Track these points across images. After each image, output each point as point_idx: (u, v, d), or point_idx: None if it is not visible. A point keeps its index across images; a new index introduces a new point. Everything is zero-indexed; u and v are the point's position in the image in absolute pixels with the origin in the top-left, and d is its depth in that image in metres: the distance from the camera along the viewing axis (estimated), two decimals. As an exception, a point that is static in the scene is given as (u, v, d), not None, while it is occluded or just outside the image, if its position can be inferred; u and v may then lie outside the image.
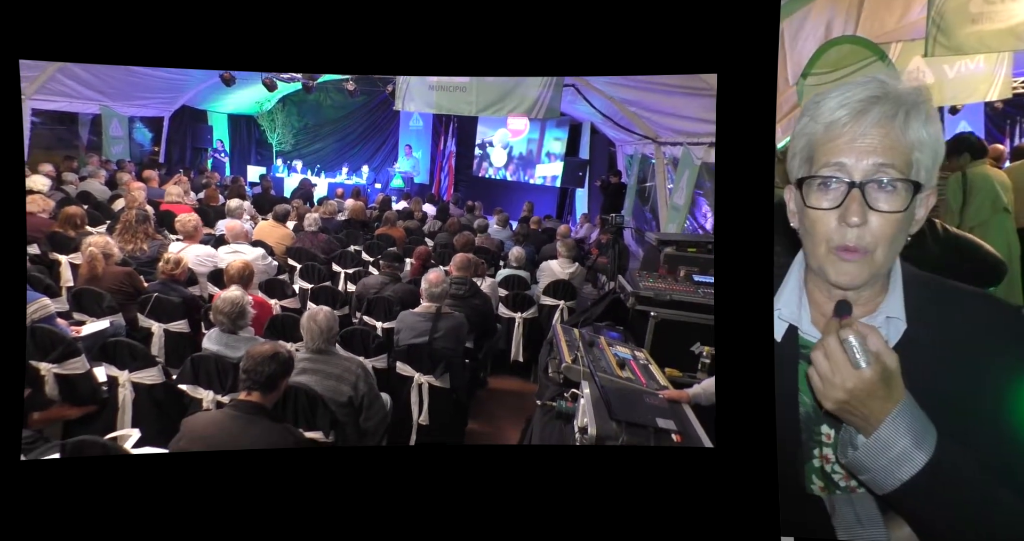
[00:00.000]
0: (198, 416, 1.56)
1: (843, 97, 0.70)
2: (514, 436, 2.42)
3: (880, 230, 0.70)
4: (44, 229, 3.21)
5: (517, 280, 3.41)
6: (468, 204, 5.79)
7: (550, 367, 2.17)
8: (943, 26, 2.14)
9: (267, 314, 2.55)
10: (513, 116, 7.77)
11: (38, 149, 5.37)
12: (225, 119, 7.79)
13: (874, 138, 0.69)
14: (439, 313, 2.39)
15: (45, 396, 2.03)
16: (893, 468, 0.66)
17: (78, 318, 2.46)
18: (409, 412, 2.22)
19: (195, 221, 3.14)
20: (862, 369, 0.64)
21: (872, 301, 0.76)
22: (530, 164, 7.86)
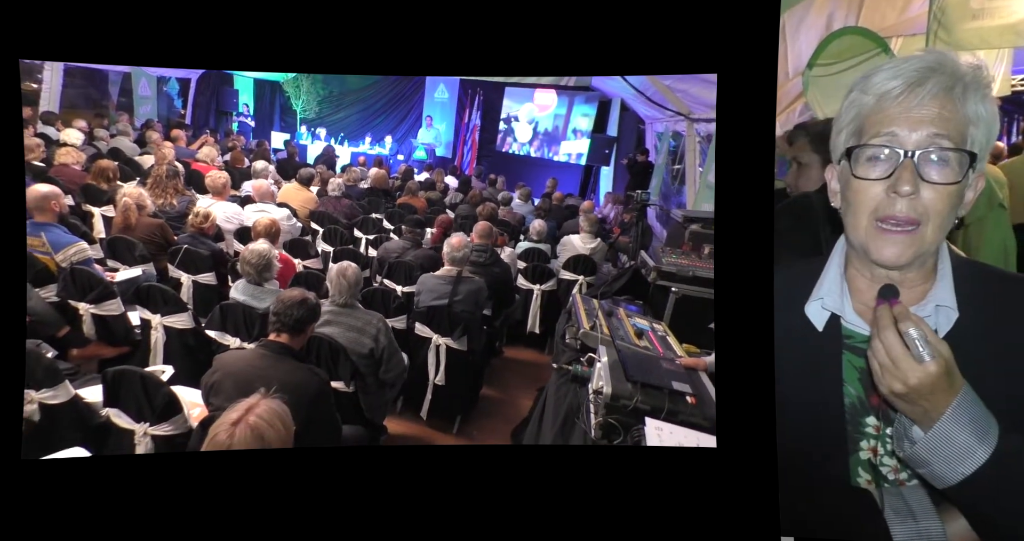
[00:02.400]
0: (230, 352, 1.66)
1: (897, 68, 0.69)
2: (526, 404, 2.49)
3: (931, 203, 0.68)
4: (77, 181, 3.36)
5: (537, 253, 3.45)
6: (491, 178, 5.81)
7: (567, 334, 2.22)
8: (944, 21, 2.15)
9: (291, 271, 2.65)
10: (541, 90, 7.73)
11: (68, 107, 5.55)
12: (251, 84, 7.90)
13: (930, 108, 0.68)
14: (460, 277, 2.45)
15: (83, 334, 2.17)
16: (955, 462, 0.64)
17: (112, 265, 2.59)
18: (426, 372, 2.30)
19: (225, 178, 3.25)
20: (926, 363, 0.63)
21: (919, 288, 0.75)
22: (555, 140, 7.80)
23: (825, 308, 0.79)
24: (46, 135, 4.18)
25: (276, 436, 1.14)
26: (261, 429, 1.12)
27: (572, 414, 1.72)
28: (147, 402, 1.55)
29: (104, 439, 1.58)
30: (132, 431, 1.56)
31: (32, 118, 4.57)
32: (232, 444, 1.10)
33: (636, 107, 6.01)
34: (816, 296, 0.80)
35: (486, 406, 2.56)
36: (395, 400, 2.33)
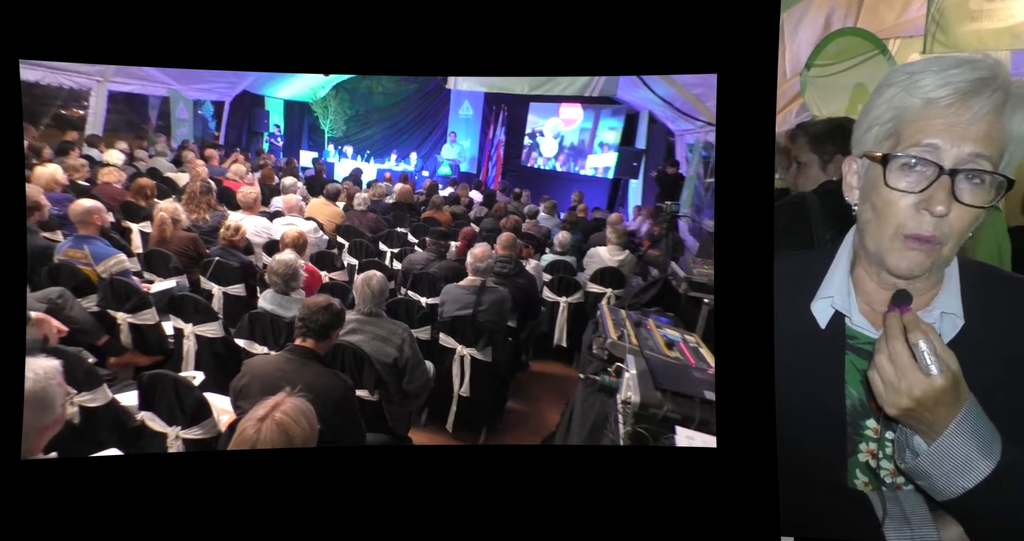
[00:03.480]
0: (258, 357, 1.74)
1: (948, 74, 0.67)
2: (554, 418, 2.49)
3: (958, 223, 0.68)
4: (118, 198, 3.61)
5: (563, 265, 3.47)
6: (515, 191, 5.91)
7: (594, 344, 2.23)
8: (942, 23, 2.20)
9: (317, 282, 2.76)
10: (567, 105, 7.87)
11: (111, 130, 6.00)
12: (281, 105, 8.35)
13: (979, 126, 0.66)
14: (483, 286, 2.50)
15: (120, 343, 2.32)
16: (957, 476, 0.64)
17: (148, 277, 2.77)
18: (450, 383, 2.34)
19: (255, 193, 3.44)
20: (934, 377, 0.62)
21: (926, 294, 0.74)
22: (581, 154, 7.88)
23: (834, 306, 0.79)
24: (90, 156, 4.52)
25: (301, 433, 1.19)
26: (286, 425, 1.18)
27: (600, 424, 1.72)
28: (179, 405, 1.63)
29: (138, 442, 1.67)
30: (165, 434, 1.65)
31: (78, 141, 4.95)
32: (259, 440, 1.16)
33: (664, 120, 6.04)
34: (824, 294, 0.79)
35: (513, 419, 2.56)
36: (420, 412, 2.37)
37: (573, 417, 1.92)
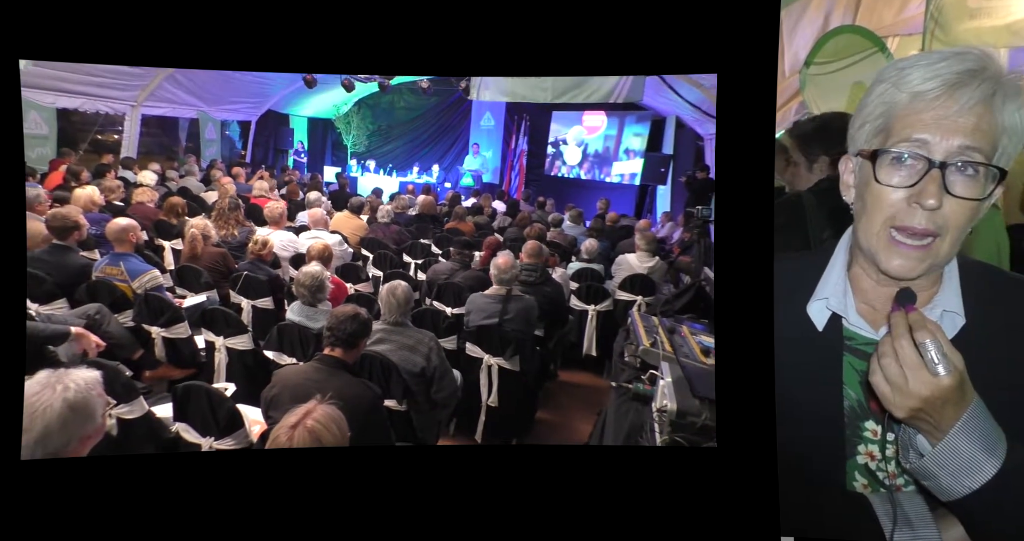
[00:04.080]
0: (288, 367, 1.79)
1: (936, 67, 0.67)
2: (585, 428, 2.46)
3: (953, 217, 0.68)
4: (151, 217, 3.79)
5: (590, 273, 3.46)
6: (539, 200, 5.94)
7: (626, 351, 2.20)
8: (941, 21, 2.25)
9: (343, 294, 2.83)
10: (590, 113, 7.91)
11: (144, 153, 6.34)
12: (305, 122, 8.65)
13: (968, 118, 0.66)
14: (509, 295, 2.51)
15: (155, 357, 2.41)
16: (962, 476, 0.65)
17: (180, 292, 2.88)
18: (478, 393, 2.34)
19: (282, 208, 3.57)
20: (941, 376, 0.62)
21: (925, 292, 0.74)
22: (606, 162, 7.88)
23: (829, 308, 0.79)
24: (125, 178, 4.77)
25: (333, 440, 1.21)
26: (318, 432, 1.20)
27: (635, 433, 1.69)
28: (212, 416, 1.69)
29: (173, 452, 1.73)
30: (199, 445, 1.70)
31: (113, 163, 5.24)
32: (292, 446, 1.18)
33: (693, 124, 6.00)
34: (820, 295, 0.80)
35: (543, 430, 2.54)
36: (448, 422, 2.37)
37: (606, 427, 1.90)
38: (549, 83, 3.74)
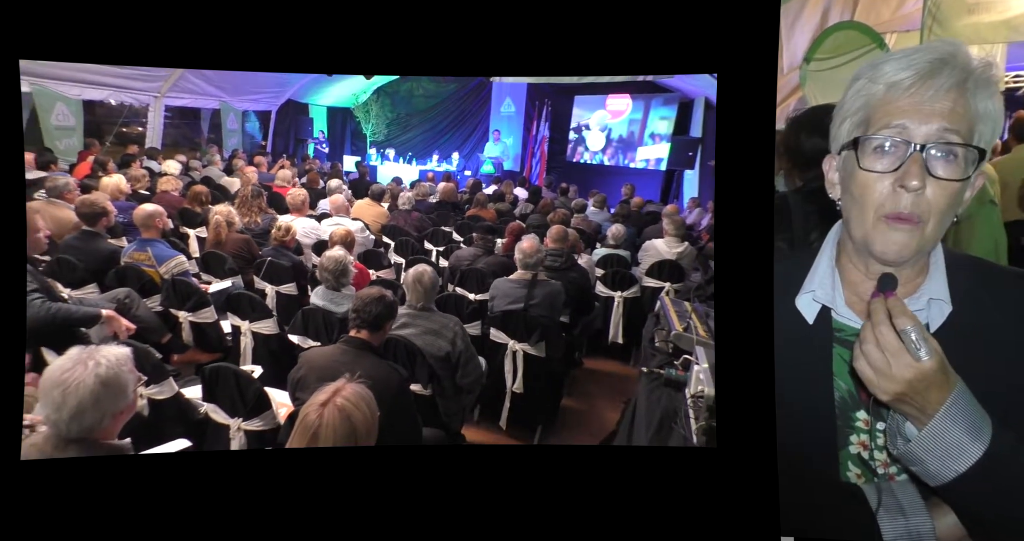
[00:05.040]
0: (314, 349, 1.82)
1: (908, 58, 0.71)
2: (612, 416, 2.44)
3: (935, 200, 0.71)
4: (176, 205, 3.88)
5: (616, 259, 3.42)
6: (562, 187, 5.89)
7: (656, 337, 2.17)
8: (939, 17, 2.33)
9: (366, 280, 2.85)
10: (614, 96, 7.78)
11: (169, 144, 6.51)
12: (324, 112, 8.74)
13: (943, 102, 0.70)
14: (535, 280, 2.50)
15: (183, 341, 2.48)
16: (949, 460, 0.67)
17: (205, 278, 2.95)
18: (503, 380, 2.34)
19: (304, 195, 3.61)
20: (923, 360, 0.65)
21: (911, 282, 0.77)
22: (631, 147, 7.76)
23: (816, 301, 0.82)
24: (150, 168, 4.90)
25: (362, 419, 1.22)
26: (348, 410, 1.21)
27: (668, 419, 1.67)
28: (240, 397, 1.73)
29: (203, 433, 1.78)
30: (227, 426, 1.74)
31: (139, 154, 5.39)
32: (321, 424, 1.20)
33: (722, 102, 5.84)
34: (807, 289, 0.83)
35: (568, 417, 2.54)
36: (472, 408, 2.38)
37: (637, 415, 1.88)
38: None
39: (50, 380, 1.19)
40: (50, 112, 5.12)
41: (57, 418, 1.18)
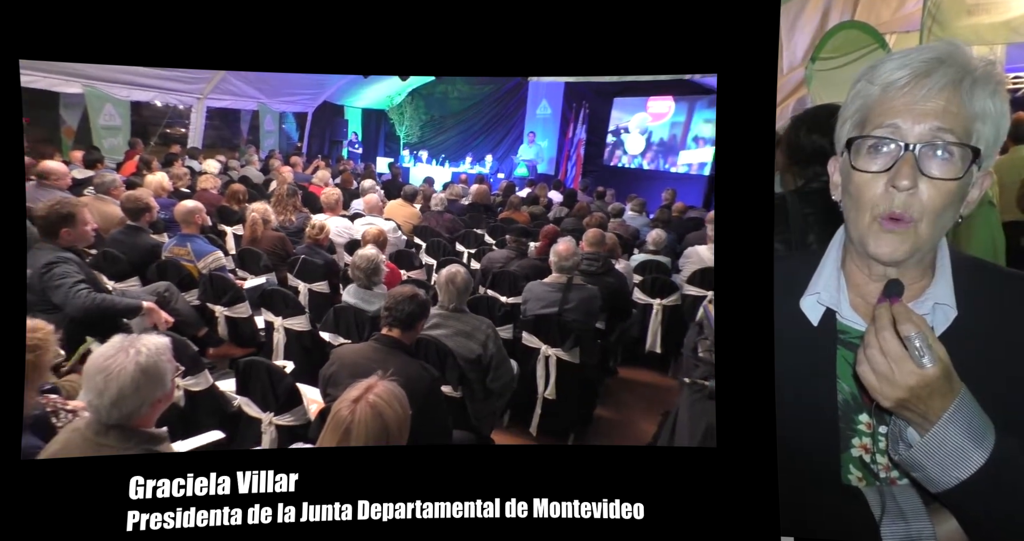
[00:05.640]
0: (346, 346, 1.85)
1: (904, 58, 0.72)
2: (648, 428, 2.39)
3: (929, 200, 0.71)
4: (214, 203, 4.05)
5: (655, 265, 3.36)
6: (598, 190, 5.85)
7: (699, 346, 2.11)
8: (939, 17, 2.39)
9: (397, 279, 2.89)
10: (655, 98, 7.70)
11: (208, 145, 6.83)
12: (359, 114, 8.98)
13: (936, 102, 0.70)
14: (570, 283, 2.48)
15: (218, 335, 2.57)
16: (951, 467, 0.67)
17: (241, 275, 3.06)
18: (534, 385, 2.33)
19: (338, 194, 3.72)
20: (927, 368, 0.65)
21: (916, 285, 0.78)
22: (672, 150, 7.65)
23: (821, 303, 0.83)
24: (191, 167, 5.13)
25: (394, 416, 1.23)
26: (380, 408, 1.22)
27: (711, 433, 1.62)
28: (272, 391, 1.77)
29: (236, 426, 1.83)
30: (259, 420, 1.79)
31: (181, 153, 5.66)
32: (353, 421, 1.21)
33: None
34: (812, 290, 0.84)
35: (602, 426, 2.50)
36: (503, 413, 2.37)
37: (678, 426, 1.83)
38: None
39: (94, 366, 1.25)
40: (99, 112, 5.45)
41: (99, 404, 1.23)
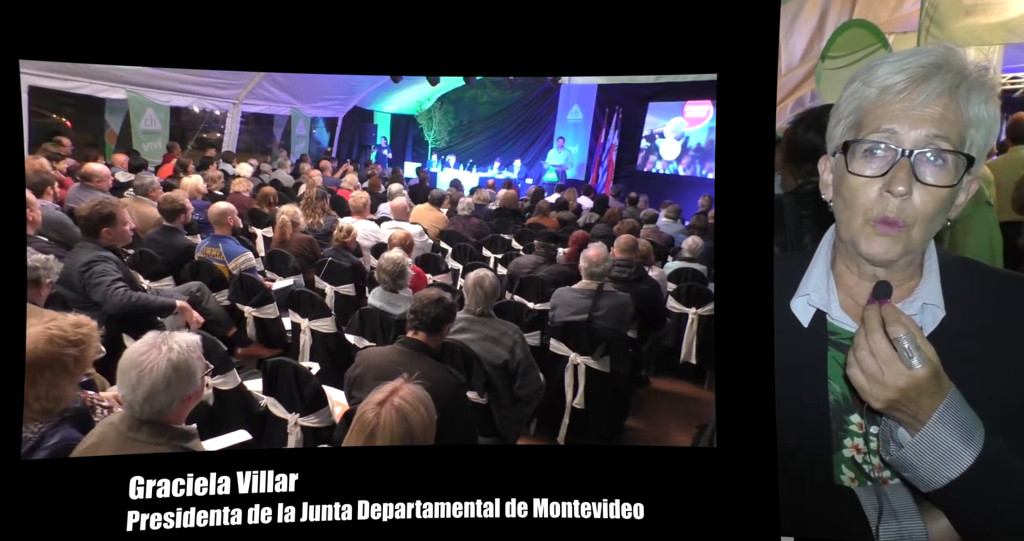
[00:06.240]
0: (371, 349, 1.88)
1: (902, 62, 0.73)
2: (683, 440, 2.34)
3: (923, 205, 0.73)
4: (246, 205, 4.19)
5: (691, 273, 3.30)
6: (631, 196, 5.80)
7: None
8: (936, 18, 2.47)
9: (423, 283, 2.92)
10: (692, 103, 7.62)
11: (242, 149, 7.10)
12: (388, 118, 9.17)
13: (933, 108, 0.72)
14: (600, 290, 2.46)
15: (246, 335, 2.64)
16: (940, 466, 0.69)
17: (270, 276, 3.14)
18: (562, 394, 2.31)
19: (366, 198, 3.79)
20: (916, 369, 0.67)
21: (905, 285, 0.80)
22: (710, 156, 7.54)
23: (811, 304, 0.85)
24: (225, 170, 5.33)
25: (420, 420, 1.24)
26: (405, 411, 1.23)
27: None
28: (298, 392, 1.81)
29: (262, 426, 1.87)
30: (285, 420, 1.82)
31: (216, 157, 5.89)
32: (379, 424, 1.22)
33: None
34: (802, 292, 0.86)
35: (634, 438, 2.45)
36: (529, 421, 2.36)
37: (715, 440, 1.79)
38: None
39: (128, 361, 1.30)
40: (141, 117, 5.72)
41: (132, 399, 1.28)
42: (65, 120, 5.62)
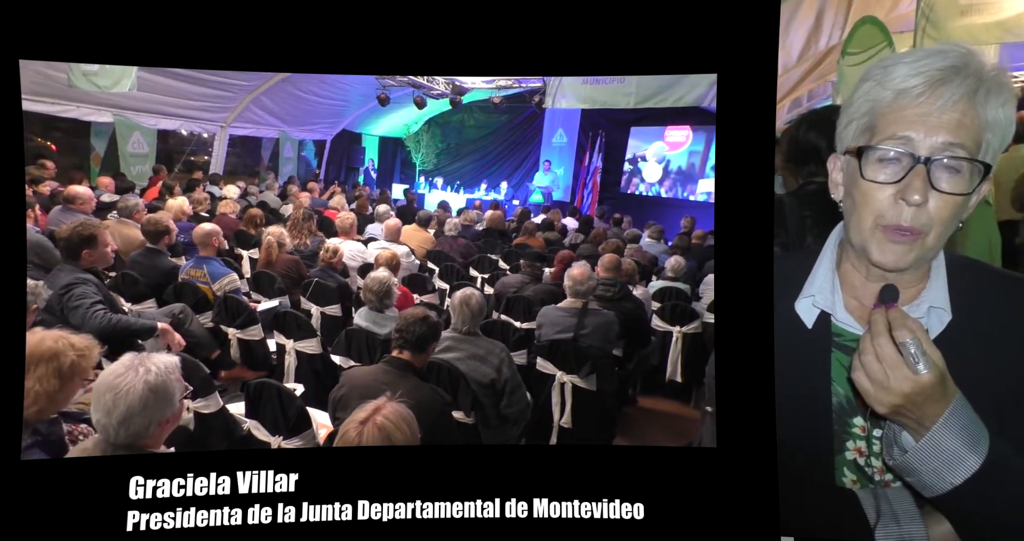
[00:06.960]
0: (356, 368, 1.85)
1: (919, 64, 0.71)
2: (670, 461, 2.31)
3: (937, 212, 0.71)
4: (232, 227, 4.15)
5: (675, 292, 3.33)
6: (615, 217, 5.86)
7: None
8: (932, 18, 2.43)
9: (409, 303, 2.90)
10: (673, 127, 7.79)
11: (229, 171, 7.07)
12: (376, 141, 9.24)
13: (951, 114, 0.70)
14: (586, 308, 2.46)
15: (230, 358, 2.59)
16: (945, 472, 0.68)
17: (255, 297, 3.10)
18: (549, 412, 2.28)
19: (352, 219, 3.78)
20: (922, 374, 0.66)
21: (913, 288, 0.78)
22: (691, 179, 7.68)
23: (816, 306, 0.83)
24: (212, 192, 5.30)
25: (403, 438, 1.21)
26: (388, 430, 1.21)
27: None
28: (282, 415, 1.76)
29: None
30: (268, 443, 1.77)
31: (202, 179, 5.86)
32: (361, 442, 1.20)
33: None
34: (807, 293, 0.84)
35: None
36: (518, 441, 2.32)
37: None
38: (633, 88, 3.72)
39: (103, 384, 1.26)
40: (127, 140, 5.69)
41: (107, 422, 1.24)
42: (50, 143, 5.58)
